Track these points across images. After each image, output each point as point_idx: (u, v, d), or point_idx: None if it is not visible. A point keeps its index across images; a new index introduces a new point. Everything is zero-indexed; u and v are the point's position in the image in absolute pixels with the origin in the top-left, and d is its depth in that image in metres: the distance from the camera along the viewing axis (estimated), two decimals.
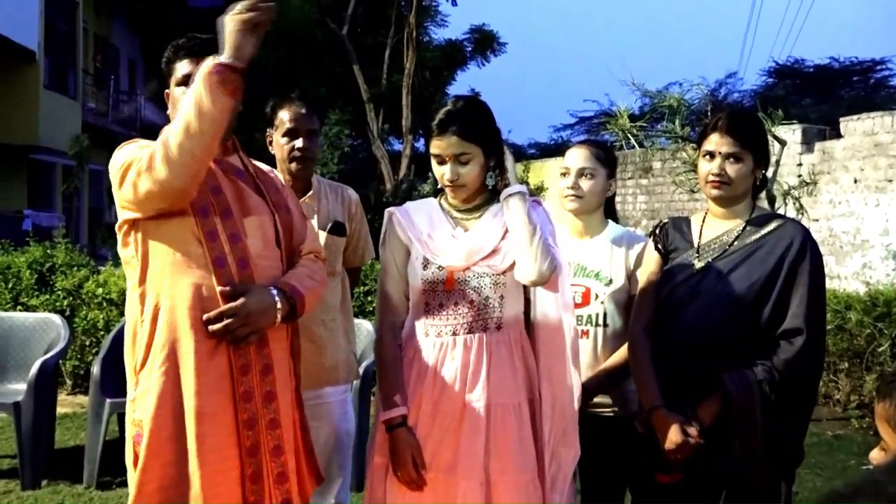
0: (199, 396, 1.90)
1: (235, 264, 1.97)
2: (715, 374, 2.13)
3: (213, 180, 2.01)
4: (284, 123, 2.74)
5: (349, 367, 2.88)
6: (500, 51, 18.72)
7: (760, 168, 2.25)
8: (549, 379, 2.14)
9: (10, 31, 12.90)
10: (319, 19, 15.31)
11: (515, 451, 2.07)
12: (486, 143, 2.10)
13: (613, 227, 2.60)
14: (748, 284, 2.17)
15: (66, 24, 16.44)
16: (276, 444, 1.99)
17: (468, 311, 2.10)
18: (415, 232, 2.18)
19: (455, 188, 2.11)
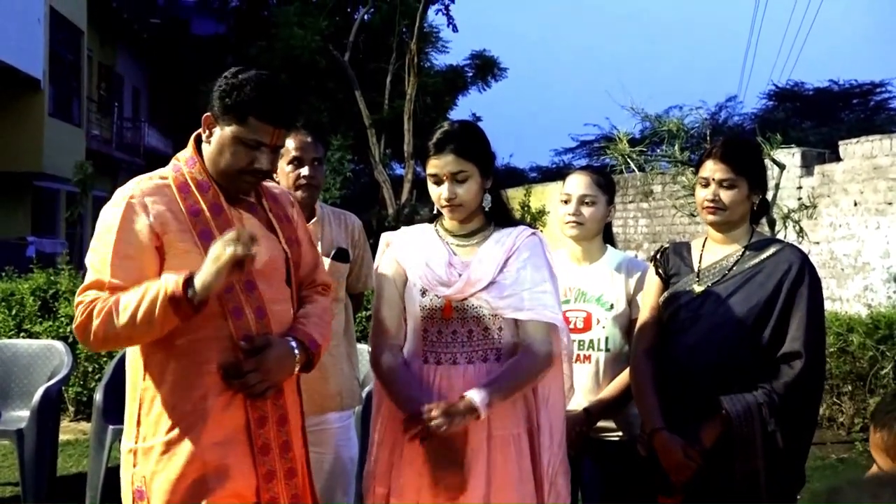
0: (217, 449, 1.85)
1: (253, 314, 1.90)
2: (716, 398, 2.14)
3: (226, 223, 1.91)
4: (290, 152, 2.77)
5: (352, 393, 2.89)
6: (501, 76, 18.84)
7: (756, 193, 2.28)
8: (546, 408, 2.12)
9: (15, 60, 13.03)
10: (322, 46, 15.45)
11: (515, 481, 2.04)
12: (482, 162, 2.10)
13: (612, 252, 2.62)
14: (748, 308, 2.18)
15: (71, 53, 16.60)
16: (294, 493, 1.95)
17: (467, 341, 2.08)
18: (412, 259, 2.16)
19: (453, 208, 2.09)
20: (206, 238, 1.85)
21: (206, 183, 1.93)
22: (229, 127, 1.91)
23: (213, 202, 1.92)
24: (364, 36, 15.52)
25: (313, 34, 15.52)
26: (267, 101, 1.90)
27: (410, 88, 12.74)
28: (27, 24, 13.82)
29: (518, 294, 2.05)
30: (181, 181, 1.93)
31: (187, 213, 1.89)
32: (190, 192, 1.91)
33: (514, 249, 2.09)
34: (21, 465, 4.02)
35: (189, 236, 1.87)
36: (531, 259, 2.08)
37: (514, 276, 2.06)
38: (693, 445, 2.15)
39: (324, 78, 16.03)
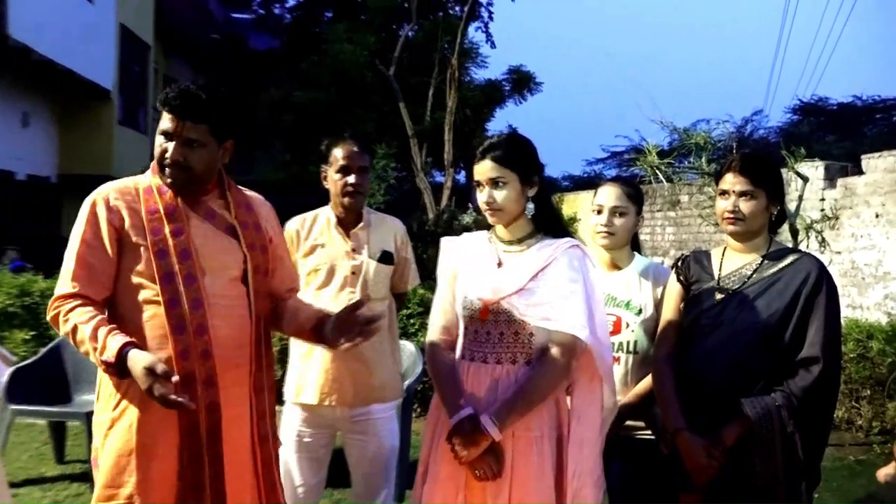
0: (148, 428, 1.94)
1: (189, 304, 1.96)
2: (736, 400, 2.14)
3: (177, 221, 2.01)
4: (338, 160, 2.82)
5: (395, 386, 2.93)
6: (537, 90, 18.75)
7: (775, 205, 2.27)
8: (579, 420, 2.09)
9: (89, 72, 13.36)
10: (369, 62, 15.56)
11: (533, 481, 2.03)
12: (523, 169, 2.10)
13: (640, 259, 2.62)
14: (767, 315, 2.18)
15: (138, 65, 16.94)
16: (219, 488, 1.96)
17: (498, 342, 2.09)
18: (459, 262, 2.21)
19: (492, 212, 2.12)
20: (155, 234, 1.99)
21: (164, 188, 2.05)
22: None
23: (169, 204, 2.03)
24: (408, 52, 15.57)
25: (361, 50, 15.64)
26: (172, 94, 2.00)
27: (451, 101, 12.76)
28: (100, 39, 14.16)
29: (546, 303, 2.04)
30: (147, 186, 2.06)
31: (146, 211, 2.02)
32: (151, 194, 2.04)
33: (551, 259, 2.08)
34: (88, 445, 4.13)
35: (142, 232, 1.99)
36: (566, 270, 2.06)
37: (545, 286, 2.05)
38: (715, 445, 2.14)
39: (370, 91, 16.12)
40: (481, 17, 20.66)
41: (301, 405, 2.83)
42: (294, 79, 17.67)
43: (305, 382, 2.80)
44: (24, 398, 4.26)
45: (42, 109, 13.87)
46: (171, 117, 2.00)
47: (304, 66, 16.66)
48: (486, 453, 2.01)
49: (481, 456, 2.00)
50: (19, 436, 4.93)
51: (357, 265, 2.82)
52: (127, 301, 1.99)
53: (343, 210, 2.85)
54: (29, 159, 13.37)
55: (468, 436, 1.99)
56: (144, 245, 1.98)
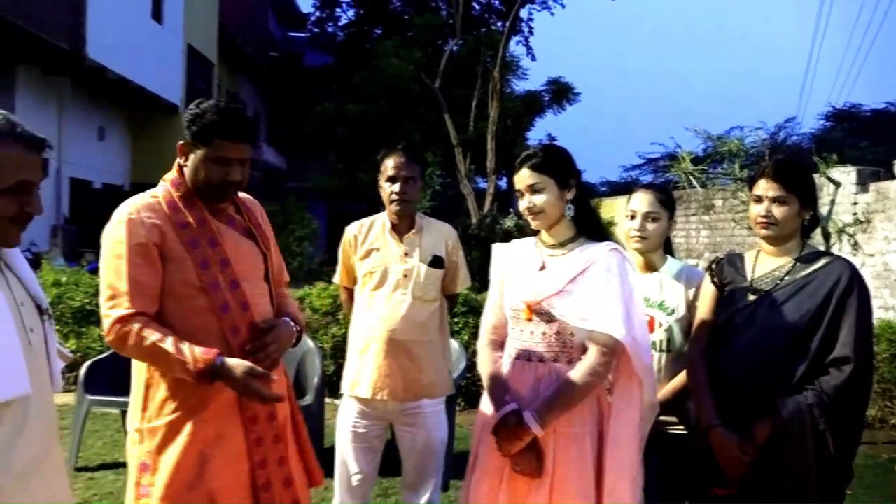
0: (213, 424, 1.95)
1: (238, 308, 1.99)
2: (768, 397, 2.09)
3: (210, 232, 2.01)
4: (388, 170, 2.85)
5: (444, 383, 2.94)
6: (575, 100, 18.65)
7: (807, 210, 2.22)
8: (618, 418, 2.08)
9: (158, 88, 13.71)
10: (416, 76, 15.65)
11: (574, 478, 2.03)
12: (559, 175, 2.12)
13: (672, 261, 2.60)
14: (799, 316, 2.12)
15: (203, 82, 17.31)
16: (281, 456, 2.05)
17: (541, 342, 2.11)
18: (507, 266, 2.24)
19: (533, 216, 2.14)
20: (194, 246, 1.97)
21: (190, 200, 2.03)
22: (200, 150, 1.99)
23: (198, 216, 2.02)
24: (452, 65, 15.61)
25: (408, 65, 15.76)
26: (226, 123, 1.98)
27: (493, 112, 12.75)
28: (169, 58, 14.52)
29: (584, 304, 2.03)
30: (169, 199, 2.02)
31: (176, 225, 1.98)
32: (178, 209, 2.01)
33: (590, 262, 2.08)
34: None
35: (179, 245, 1.97)
36: (604, 273, 2.05)
37: (584, 288, 2.05)
38: (747, 442, 2.10)
39: (417, 103, 16.23)
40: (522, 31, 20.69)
41: (356, 398, 2.86)
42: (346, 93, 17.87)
43: (360, 377, 2.83)
44: (100, 389, 4.39)
45: (116, 123, 14.28)
46: (230, 144, 1.99)
47: (356, 81, 16.84)
48: (526, 449, 2.02)
49: (522, 451, 2.02)
50: (95, 424, 5.07)
51: (409, 269, 2.84)
52: (176, 312, 1.97)
53: (394, 216, 2.88)
54: (104, 169, 13.77)
55: (511, 430, 2.01)
56: (185, 257, 1.96)
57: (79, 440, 4.35)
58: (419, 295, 2.82)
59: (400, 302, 2.81)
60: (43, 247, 10.94)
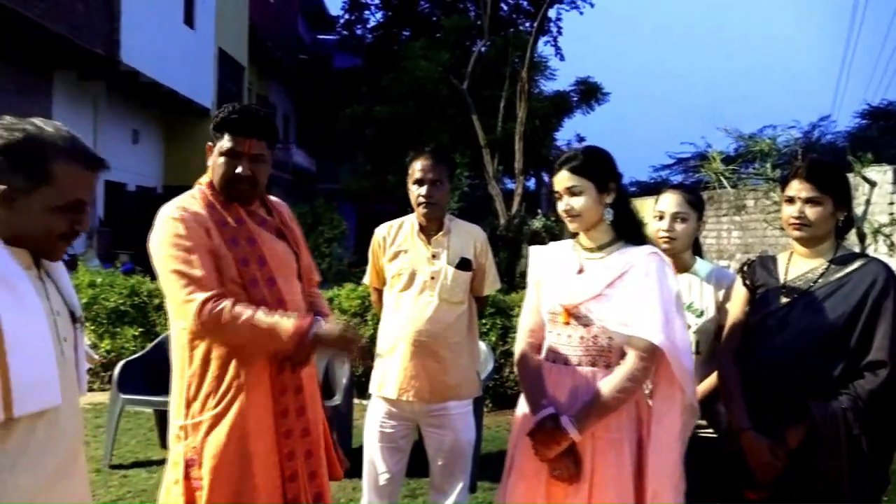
0: (251, 417, 2.03)
1: (275, 305, 2.05)
2: (800, 401, 2.06)
3: (247, 232, 2.09)
4: (415, 173, 2.86)
5: (471, 385, 2.94)
6: (604, 100, 18.50)
7: (841, 210, 2.17)
8: (659, 422, 2.05)
9: (190, 92, 13.91)
10: (444, 77, 15.66)
11: (612, 483, 2.01)
12: (598, 178, 2.09)
13: (701, 263, 2.57)
14: (833, 318, 2.08)
15: (234, 85, 17.52)
16: (308, 449, 2.11)
17: (579, 346, 2.08)
18: (545, 269, 2.22)
19: (571, 219, 2.12)
20: (234, 244, 2.05)
21: (225, 201, 2.11)
22: (216, 145, 2.11)
23: (236, 216, 2.10)
24: (480, 66, 15.58)
25: (436, 66, 15.76)
26: (236, 118, 2.07)
27: (521, 112, 12.70)
28: (200, 62, 14.72)
29: (622, 309, 2.01)
30: (206, 200, 2.11)
31: (217, 224, 2.06)
32: (215, 209, 2.09)
33: (629, 266, 2.05)
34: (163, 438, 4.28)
35: (222, 243, 2.04)
36: (643, 278, 2.02)
37: (622, 292, 2.03)
38: (779, 446, 2.07)
39: (445, 104, 16.23)
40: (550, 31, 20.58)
41: (383, 398, 2.88)
42: (374, 94, 17.95)
43: (387, 378, 2.85)
44: (133, 388, 4.46)
45: (150, 127, 14.51)
46: (238, 138, 2.07)
47: (384, 83, 16.90)
48: (564, 454, 2.00)
49: (560, 456, 2.00)
50: (128, 423, 5.15)
51: (436, 271, 2.85)
52: None
53: (422, 218, 2.89)
54: (138, 172, 14.00)
55: (549, 434, 2.00)
56: (227, 255, 2.04)
57: (113, 438, 4.43)
58: (446, 297, 2.83)
59: (427, 304, 2.81)
60: (79, 248, 11.15)
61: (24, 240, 1.49)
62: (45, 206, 1.47)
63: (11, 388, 1.38)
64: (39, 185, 1.46)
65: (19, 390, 1.39)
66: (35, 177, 1.45)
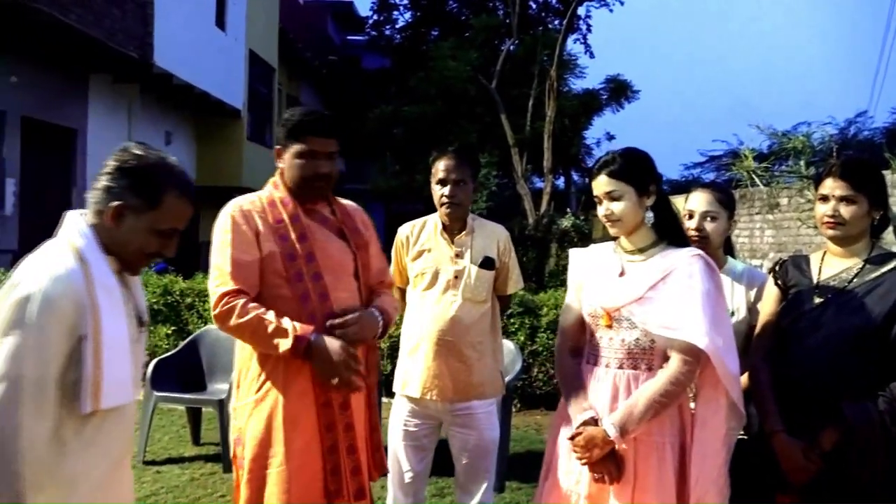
0: (291, 404, 2.12)
1: (317, 299, 2.16)
2: (834, 403, 2.02)
3: (301, 229, 2.21)
4: (438, 173, 2.86)
5: (495, 384, 2.93)
6: (634, 97, 18.33)
7: (877, 209, 2.12)
8: (703, 427, 2.03)
9: (222, 94, 14.06)
10: (472, 76, 15.63)
11: (655, 488, 1.99)
12: (637, 181, 2.07)
13: (733, 262, 2.53)
14: (868, 319, 2.04)
15: (265, 87, 17.68)
16: (350, 444, 2.17)
17: (620, 348, 2.06)
18: (585, 271, 2.21)
19: (612, 223, 2.10)
20: (284, 240, 2.18)
21: (287, 199, 2.25)
22: (292, 148, 2.23)
23: (292, 213, 2.23)
24: (509, 65, 15.53)
25: (465, 65, 15.73)
26: (312, 121, 2.23)
27: (550, 111, 12.63)
28: (231, 64, 14.88)
29: (665, 312, 1.99)
30: (269, 199, 2.26)
31: (272, 221, 2.21)
32: (275, 206, 2.24)
33: (672, 269, 2.03)
34: (222, 429, 4.34)
35: (273, 238, 2.18)
36: (687, 280, 2.00)
37: (665, 295, 2.00)
38: (812, 448, 2.03)
39: (473, 103, 16.20)
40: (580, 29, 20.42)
41: (407, 397, 2.88)
42: (403, 94, 17.98)
43: (410, 377, 2.85)
44: (166, 386, 4.53)
45: (182, 129, 14.71)
46: (317, 139, 2.22)
47: (412, 83, 16.91)
48: (606, 457, 1.99)
49: (602, 459, 1.99)
50: (161, 420, 5.23)
51: (460, 270, 2.85)
52: (266, 298, 2.16)
53: (445, 218, 2.89)
54: None
55: (590, 439, 1.98)
56: (275, 250, 2.17)
57: (146, 435, 4.50)
58: (469, 296, 2.82)
59: (450, 303, 2.81)
60: None
61: (118, 251, 1.65)
62: (148, 227, 1.65)
63: (102, 384, 1.53)
64: (150, 208, 1.63)
65: (107, 386, 1.55)
66: (149, 201, 1.63)
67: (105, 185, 1.63)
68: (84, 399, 1.53)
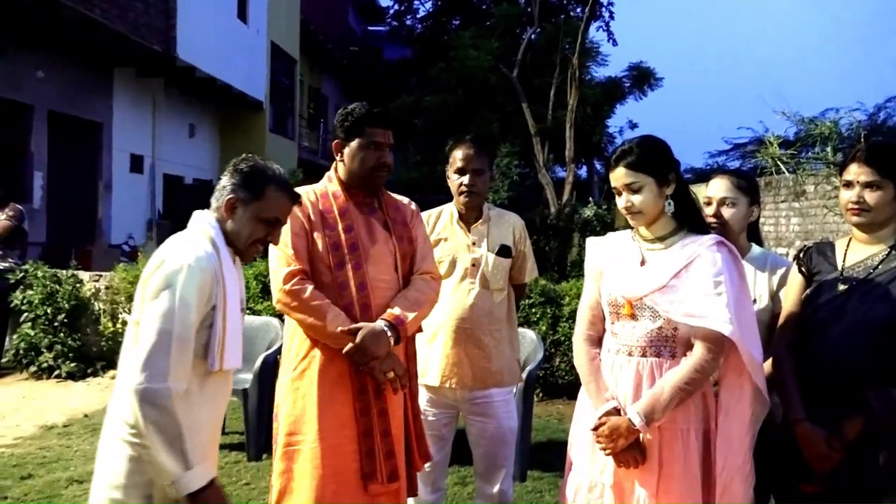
0: (325, 386, 2.23)
1: (356, 287, 2.27)
2: (858, 391, 1.99)
3: (348, 220, 2.33)
4: (456, 162, 2.86)
5: (513, 372, 2.93)
6: (657, 85, 18.14)
7: None
8: (727, 416, 2.02)
9: (244, 86, 14.16)
10: (493, 65, 15.56)
11: (680, 475, 1.98)
12: (657, 172, 2.04)
13: (756, 250, 2.49)
14: (893, 308, 2.00)
15: (286, 79, 17.76)
16: (385, 428, 2.24)
17: (643, 336, 2.04)
18: (604, 260, 2.18)
19: (632, 215, 2.08)
20: (330, 229, 2.31)
21: (339, 192, 2.38)
22: (354, 142, 2.35)
23: (342, 206, 2.36)
24: (531, 54, 15.44)
25: (486, 55, 15.67)
26: (373, 113, 2.36)
27: (572, 100, 12.53)
28: (254, 57, 14.97)
29: (689, 300, 1.96)
30: (323, 191, 2.39)
31: (323, 212, 2.34)
32: (326, 199, 2.37)
33: (694, 256, 2.00)
34: (245, 419, 4.38)
35: (321, 226, 2.31)
36: (709, 267, 1.97)
37: (688, 283, 1.98)
38: (836, 438, 2.00)
39: (494, 93, 16.14)
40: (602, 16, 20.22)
41: (425, 386, 2.89)
42: (424, 85, 17.96)
43: (429, 366, 2.86)
44: None
45: (205, 121, 14.84)
46: (380, 130, 2.35)
47: (434, 73, 16.88)
48: (631, 446, 1.98)
49: (627, 448, 1.98)
50: None
51: (477, 258, 2.85)
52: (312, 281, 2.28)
53: (462, 207, 2.89)
54: (195, 165, 14.35)
55: (614, 428, 1.98)
56: (322, 238, 2.29)
57: None
58: (487, 284, 2.83)
59: (468, 291, 2.82)
60: (139, 241, 11.51)
61: (234, 240, 1.94)
62: (254, 215, 1.93)
63: (225, 347, 1.83)
64: (255, 199, 1.93)
65: (228, 350, 1.85)
66: (254, 193, 1.93)
67: (223, 185, 1.95)
68: (213, 358, 1.82)
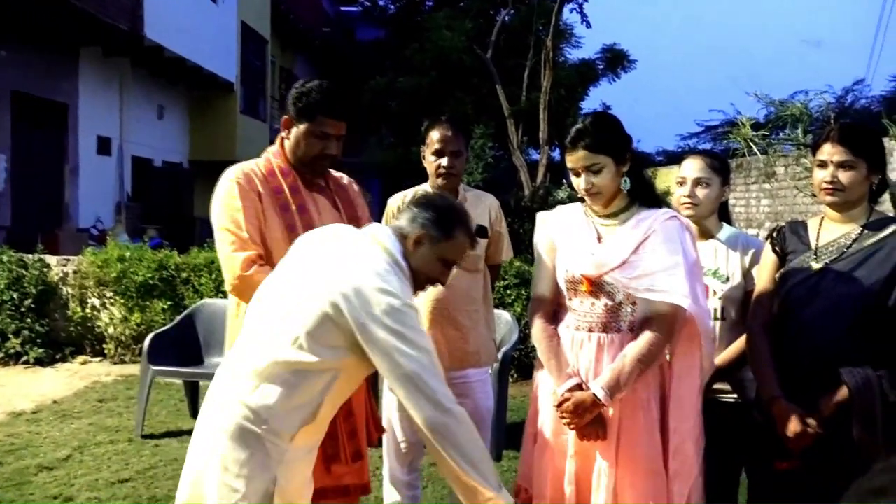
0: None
1: None
2: (833, 370, 2.01)
3: (300, 200, 2.24)
4: (433, 143, 2.83)
5: (489, 352, 2.94)
6: (630, 67, 18.15)
7: (875, 174, 2.10)
8: (680, 380, 2.06)
9: (214, 66, 13.91)
10: (467, 46, 15.46)
11: (643, 444, 2.02)
12: (615, 152, 2.05)
13: (727, 229, 2.51)
14: (867, 286, 2.02)
15: (258, 59, 17.49)
16: (352, 429, 2.20)
17: (602, 312, 2.06)
18: (557, 234, 2.18)
19: (591, 196, 2.08)
20: (284, 210, 2.20)
21: (287, 170, 2.27)
22: (303, 125, 2.23)
23: (292, 184, 2.26)
24: (504, 35, 15.35)
25: (460, 36, 15.56)
26: (330, 102, 2.23)
27: (546, 82, 12.50)
28: (224, 37, 14.70)
29: (649, 275, 1.98)
30: (269, 168, 2.27)
31: (272, 191, 2.22)
32: (275, 177, 2.25)
33: (650, 231, 2.02)
34: None
35: (274, 207, 2.20)
36: (666, 242, 2.00)
37: (647, 258, 1.99)
38: (811, 414, 2.02)
39: (468, 74, 16.05)
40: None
41: None
42: (398, 66, 17.79)
43: None
44: (163, 360, 4.53)
45: (174, 102, 14.57)
46: (331, 121, 2.23)
47: (407, 54, 16.74)
48: (593, 420, 2.00)
49: (590, 422, 2.00)
50: (159, 394, 5.25)
51: None
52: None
53: (439, 188, 2.86)
54: (164, 147, 14.09)
55: (578, 404, 1.98)
56: (276, 219, 2.19)
57: (144, 409, 4.51)
58: (464, 265, 2.81)
59: None
60: (108, 224, 11.31)
61: (415, 276, 1.89)
62: (439, 255, 1.89)
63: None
64: (444, 239, 1.89)
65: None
66: (445, 233, 1.89)
67: (412, 215, 1.90)
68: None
